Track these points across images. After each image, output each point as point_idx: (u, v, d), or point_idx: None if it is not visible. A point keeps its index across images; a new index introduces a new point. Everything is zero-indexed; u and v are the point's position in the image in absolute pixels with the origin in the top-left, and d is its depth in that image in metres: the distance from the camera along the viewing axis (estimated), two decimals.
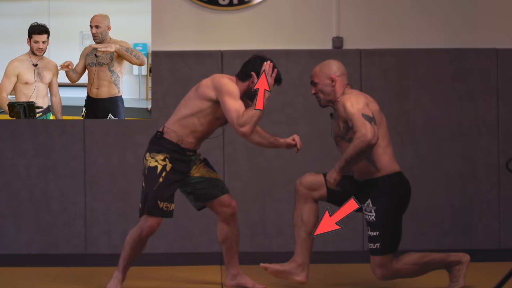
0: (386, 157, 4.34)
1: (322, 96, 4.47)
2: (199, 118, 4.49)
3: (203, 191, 4.63)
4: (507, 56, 5.98)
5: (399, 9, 6.10)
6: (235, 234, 4.71)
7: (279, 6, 6.09)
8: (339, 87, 4.43)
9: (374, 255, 4.33)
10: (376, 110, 4.33)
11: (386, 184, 4.31)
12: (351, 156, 4.18)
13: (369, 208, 4.32)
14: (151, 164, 4.48)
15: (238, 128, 4.35)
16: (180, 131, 4.50)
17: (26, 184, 5.89)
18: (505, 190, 5.96)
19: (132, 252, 4.51)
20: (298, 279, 4.51)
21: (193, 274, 5.28)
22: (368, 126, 4.15)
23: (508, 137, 5.97)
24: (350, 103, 4.25)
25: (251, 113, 4.36)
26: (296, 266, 4.51)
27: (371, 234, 4.32)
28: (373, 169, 4.32)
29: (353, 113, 4.21)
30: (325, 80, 4.44)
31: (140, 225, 4.47)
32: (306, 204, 4.50)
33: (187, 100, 4.56)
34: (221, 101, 4.40)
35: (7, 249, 5.87)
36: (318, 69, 4.48)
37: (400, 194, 4.34)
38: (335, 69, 4.45)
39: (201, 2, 6.06)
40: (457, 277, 4.39)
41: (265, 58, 4.49)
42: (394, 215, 4.32)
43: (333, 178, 4.26)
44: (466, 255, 4.42)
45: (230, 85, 4.42)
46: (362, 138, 4.13)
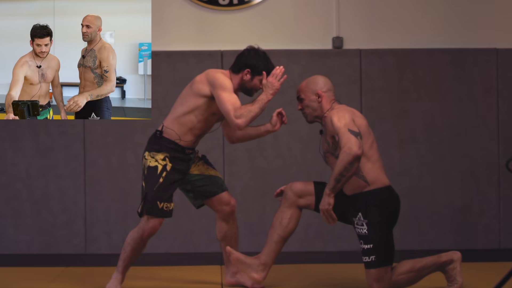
0: (377, 171, 4.33)
1: (308, 111, 4.46)
2: (196, 115, 4.48)
3: (202, 189, 4.63)
4: (507, 56, 5.98)
5: (399, 9, 6.10)
6: (234, 232, 4.71)
7: (279, 6, 6.09)
8: (326, 103, 4.42)
9: (370, 269, 4.29)
10: (364, 125, 4.32)
11: (377, 198, 4.29)
12: (340, 173, 4.16)
13: (361, 222, 4.30)
14: (151, 164, 4.47)
15: (233, 119, 4.32)
16: (178, 129, 4.49)
17: (26, 184, 5.89)
18: (505, 190, 5.96)
19: (133, 253, 4.51)
20: (255, 276, 4.51)
21: (193, 274, 5.28)
22: (353, 139, 4.15)
23: (508, 137, 5.97)
24: (337, 117, 4.25)
25: (250, 108, 4.35)
26: (258, 263, 4.51)
27: (365, 247, 4.29)
28: (363, 183, 4.30)
29: (340, 127, 4.21)
30: (311, 95, 4.43)
31: (142, 226, 4.46)
32: (289, 209, 4.50)
33: (182, 98, 4.55)
34: (216, 95, 4.39)
35: (7, 249, 5.87)
36: (305, 84, 4.47)
37: (391, 208, 4.33)
38: (322, 85, 4.44)
39: (201, 2, 6.06)
40: (453, 276, 4.38)
41: (259, 50, 4.49)
42: (386, 227, 4.31)
43: (326, 203, 4.21)
44: (456, 253, 4.41)
45: (224, 79, 4.41)
46: (347, 151, 4.13)
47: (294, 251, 5.90)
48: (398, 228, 5.86)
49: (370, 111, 5.96)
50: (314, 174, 5.78)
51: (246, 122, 4.34)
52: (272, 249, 4.50)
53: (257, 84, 4.49)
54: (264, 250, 4.52)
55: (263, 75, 4.46)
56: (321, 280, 4.97)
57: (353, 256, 5.76)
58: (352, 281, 4.94)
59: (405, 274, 4.34)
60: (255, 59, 4.46)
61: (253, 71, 4.46)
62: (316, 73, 5.96)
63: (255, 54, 4.48)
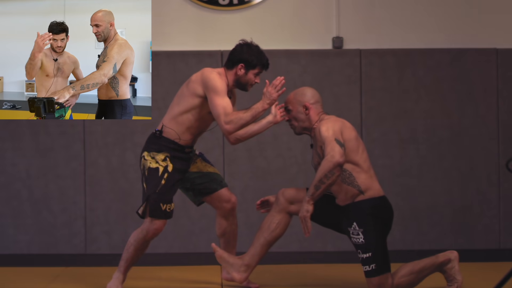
0: (370, 180, 4.32)
1: (296, 123, 4.45)
2: (193, 114, 4.48)
3: (201, 186, 4.62)
4: (507, 56, 5.98)
5: (399, 9, 6.10)
6: (233, 229, 4.71)
7: (279, 6, 6.09)
8: (313, 115, 4.41)
9: (371, 277, 4.28)
10: (353, 136, 4.31)
11: (370, 207, 4.28)
12: (320, 180, 4.15)
13: (356, 231, 4.29)
14: (152, 165, 4.45)
15: (223, 124, 4.33)
16: (177, 129, 4.49)
17: (26, 184, 5.89)
18: (505, 190, 5.96)
19: (136, 253, 4.50)
20: (236, 276, 4.51)
21: (193, 274, 5.28)
22: (337, 148, 4.15)
23: (508, 137, 5.97)
24: (325, 127, 4.25)
25: (242, 115, 4.35)
26: (241, 264, 4.51)
27: (364, 256, 4.28)
28: (357, 192, 4.29)
29: (327, 136, 4.20)
30: (298, 107, 4.42)
31: (146, 227, 4.45)
32: (279, 214, 4.50)
33: (179, 97, 4.54)
34: (208, 98, 4.39)
35: (7, 249, 5.87)
36: (292, 96, 4.45)
37: (384, 217, 4.33)
38: (309, 97, 4.43)
39: (201, 2, 6.06)
40: (452, 275, 4.38)
41: (251, 44, 4.48)
42: (382, 235, 4.30)
43: (305, 210, 4.18)
44: (453, 252, 4.41)
45: (217, 81, 4.39)
46: (329, 158, 4.13)
47: (293, 251, 5.90)
48: (398, 228, 5.87)
49: (370, 111, 5.96)
50: (314, 174, 5.77)
51: (235, 129, 4.35)
52: (257, 251, 4.50)
53: (251, 78, 4.48)
54: (249, 252, 4.52)
55: (257, 69, 4.46)
56: (321, 280, 4.97)
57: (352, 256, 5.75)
58: (352, 281, 4.94)
59: (406, 277, 4.34)
60: (248, 53, 4.46)
61: (246, 65, 4.46)
62: (316, 73, 5.98)
63: (248, 48, 4.47)
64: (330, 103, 5.91)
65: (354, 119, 5.94)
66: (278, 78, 4.39)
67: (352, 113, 5.94)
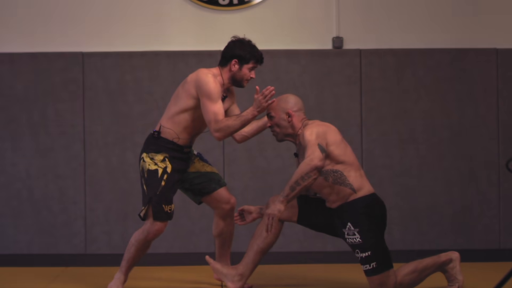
0: (361, 179, 4.32)
1: (278, 130, 4.44)
2: (190, 114, 4.48)
3: (200, 186, 4.62)
4: (507, 56, 5.98)
5: (399, 9, 6.10)
6: (230, 229, 4.71)
7: (279, 6, 6.09)
8: (296, 122, 4.40)
9: (371, 276, 4.26)
10: (338, 140, 4.30)
11: (363, 206, 4.27)
12: (295, 181, 4.13)
13: (352, 231, 4.28)
14: (151, 167, 4.45)
15: (212, 131, 4.37)
16: (174, 129, 4.49)
17: (26, 184, 5.89)
18: (505, 190, 5.96)
19: (137, 254, 4.50)
20: (231, 286, 4.50)
21: (193, 274, 5.27)
22: (317, 152, 4.14)
23: (508, 137, 5.97)
24: (309, 131, 4.24)
25: (230, 123, 4.34)
26: (235, 273, 4.49)
27: (363, 256, 4.27)
28: (349, 191, 4.28)
29: (310, 140, 4.19)
30: (281, 114, 4.41)
31: (147, 228, 4.45)
32: None
33: (176, 97, 4.54)
34: (201, 101, 4.40)
35: (7, 249, 5.87)
36: (276, 103, 4.44)
37: (376, 214, 4.32)
38: (292, 104, 4.42)
39: (201, 2, 6.06)
40: (454, 275, 4.39)
41: (244, 40, 4.49)
42: (379, 233, 4.30)
43: (276, 209, 4.16)
44: (455, 252, 4.41)
45: (210, 85, 4.38)
46: (308, 161, 4.12)
47: (293, 251, 5.90)
48: (398, 228, 5.87)
49: (370, 111, 5.96)
50: None
51: (224, 137, 4.38)
52: (251, 259, 4.49)
53: (246, 73, 4.48)
54: (243, 261, 4.50)
55: (251, 63, 4.46)
56: (321, 280, 4.97)
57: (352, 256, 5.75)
58: (352, 281, 4.94)
59: (409, 275, 4.34)
60: (240, 48, 4.46)
61: (240, 60, 4.46)
62: (316, 73, 5.99)
63: (240, 43, 4.48)
64: (330, 103, 5.92)
65: (354, 119, 5.94)
66: (268, 88, 4.37)
67: (352, 113, 5.94)
